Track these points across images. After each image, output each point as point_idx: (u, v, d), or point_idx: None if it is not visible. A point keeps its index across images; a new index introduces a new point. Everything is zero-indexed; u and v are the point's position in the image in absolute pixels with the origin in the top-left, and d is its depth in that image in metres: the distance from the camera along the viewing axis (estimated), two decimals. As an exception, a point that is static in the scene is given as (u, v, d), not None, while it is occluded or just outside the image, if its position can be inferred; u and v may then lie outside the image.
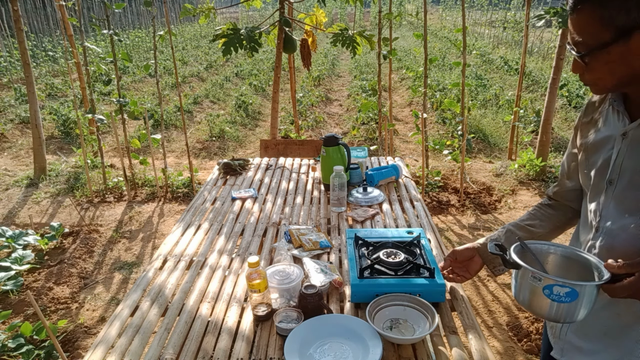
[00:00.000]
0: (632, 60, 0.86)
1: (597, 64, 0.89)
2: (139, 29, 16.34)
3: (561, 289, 0.88)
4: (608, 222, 0.97)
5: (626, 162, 0.94)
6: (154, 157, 4.16)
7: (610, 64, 0.88)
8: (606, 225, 0.97)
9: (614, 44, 0.84)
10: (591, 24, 0.86)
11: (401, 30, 16.40)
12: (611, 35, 0.84)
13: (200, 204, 2.02)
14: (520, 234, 1.19)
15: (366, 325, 1.15)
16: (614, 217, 0.96)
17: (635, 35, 0.82)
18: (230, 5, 4.78)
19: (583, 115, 1.11)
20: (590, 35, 0.87)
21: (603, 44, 0.85)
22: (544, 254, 1.06)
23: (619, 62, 0.87)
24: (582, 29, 0.88)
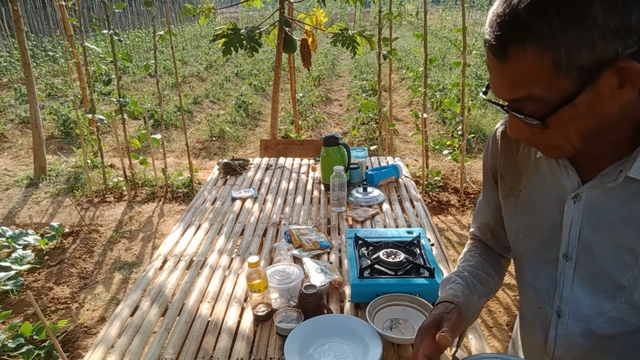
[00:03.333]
0: (602, 106, 0.62)
1: (560, 123, 0.64)
2: (139, 29, 16.34)
3: None
4: (576, 305, 0.78)
5: (587, 233, 0.74)
6: (154, 157, 4.16)
7: (578, 119, 0.63)
8: (572, 310, 0.79)
9: (582, 93, 0.60)
10: (540, 72, 0.60)
11: (401, 30, 16.40)
12: (574, 82, 0.59)
13: (200, 204, 2.02)
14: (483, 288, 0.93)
15: (366, 325, 1.15)
16: (583, 299, 0.77)
17: (605, 74, 0.59)
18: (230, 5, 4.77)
19: (499, 153, 0.87)
20: (542, 88, 0.61)
21: (569, 95, 0.60)
22: None
23: (588, 114, 0.63)
24: (527, 80, 0.61)
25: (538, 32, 0.57)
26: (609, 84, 0.59)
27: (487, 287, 0.94)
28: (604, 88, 0.60)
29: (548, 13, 0.56)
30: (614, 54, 0.57)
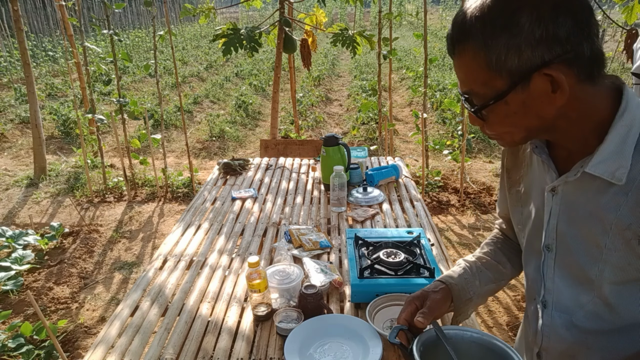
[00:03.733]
0: (538, 107, 0.68)
1: (496, 118, 0.72)
2: (139, 29, 16.33)
3: None
4: (557, 296, 0.82)
5: (562, 226, 0.78)
6: (154, 157, 4.16)
7: (512, 116, 0.70)
8: (555, 302, 0.82)
9: (512, 92, 0.67)
10: (477, 71, 0.68)
11: (401, 30, 16.40)
12: (505, 82, 0.67)
13: (200, 204, 2.02)
14: (490, 275, 0.99)
15: (366, 325, 1.15)
16: (563, 291, 0.81)
17: (536, 77, 0.65)
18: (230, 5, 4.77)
19: (508, 152, 0.94)
20: (479, 85, 0.69)
21: (499, 93, 0.68)
22: (461, 342, 0.86)
23: (523, 112, 0.69)
24: (468, 76, 0.71)
25: (475, 36, 0.66)
26: (540, 87, 0.66)
27: (496, 274, 0.99)
28: (535, 91, 0.66)
29: (484, 20, 0.65)
30: (540, 61, 0.64)
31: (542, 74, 0.65)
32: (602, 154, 0.70)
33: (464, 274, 0.98)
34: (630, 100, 0.69)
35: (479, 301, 0.98)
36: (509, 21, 0.64)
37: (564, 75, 0.65)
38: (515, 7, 0.63)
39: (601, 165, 0.70)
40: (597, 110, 0.70)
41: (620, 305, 0.75)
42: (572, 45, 0.64)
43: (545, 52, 0.64)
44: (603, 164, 0.70)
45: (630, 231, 0.69)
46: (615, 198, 0.70)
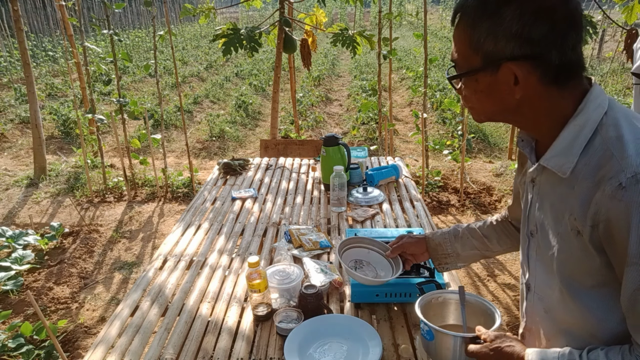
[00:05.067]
0: (500, 93, 0.76)
1: (467, 91, 0.81)
2: (139, 29, 16.33)
3: (424, 327, 1.00)
4: (537, 281, 0.88)
5: (537, 214, 0.85)
6: (154, 157, 4.16)
7: (479, 93, 0.78)
8: (536, 286, 0.88)
9: (482, 72, 0.75)
10: (463, 44, 0.76)
11: (401, 30, 16.40)
12: (479, 62, 0.75)
13: (200, 204, 2.02)
14: (475, 243, 1.14)
15: (366, 325, 1.16)
16: (541, 275, 0.87)
17: (504, 66, 0.72)
18: (230, 5, 4.77)
19: (519, 149, 0.99)
20: (462, 57, 0.78)
21: (472, 69, 0.76)
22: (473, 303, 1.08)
23: (487, 93, 0.77)
24: (457, 46, 0.79)
25: (468, 14, 0.75)
26: (504, 77, 0.73)
27: (481, 244, 1.14)
28: (501, 78, 0.74)
29: (479, 2, 0.73)
30: (510, 54, 0.71)
31: (509, 66, 0.72)
32: (555, 149, 0.77)
33: (446, 235, 1.18)
34: (589, 102, 0.74)
35: (463, 260, 1.18)
36: (496, 10, 0.71)
37: (527, 73, 0.72)
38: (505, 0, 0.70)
39: (553, 159, 0.77)
40: (559, 110, 0.76)
41: (570, 298, 0.79)
42: (541, 49, 0.70)
43: (516, 47, 0.71)
44: (555, 158, 0.77)
45: (571, 222, 0.75)
46: (566, 190, 0.76)
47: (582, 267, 0.76)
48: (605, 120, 0.73)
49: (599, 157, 0.71)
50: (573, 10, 0.71)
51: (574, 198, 0.74)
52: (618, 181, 0.67)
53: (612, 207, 0.68)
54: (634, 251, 0.66)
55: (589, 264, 0.75)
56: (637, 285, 0.68)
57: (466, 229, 1.17)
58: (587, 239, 0.72)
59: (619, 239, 0.68)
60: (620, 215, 0.67)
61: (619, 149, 0.69)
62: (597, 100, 0.74)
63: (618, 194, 0.67)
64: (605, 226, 0.69)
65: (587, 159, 0.73)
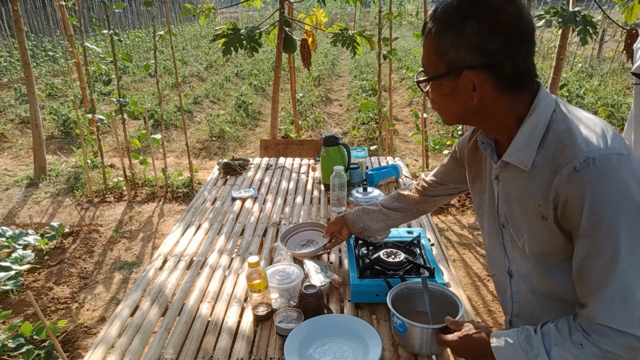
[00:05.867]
0: (461, 98, 0.85)
1: (433, 95, 0.90)
2: (139, 29, 16.33)
3: (397, 320, 1.09)
4: (518, 266, 0.96)
5: (504, 207, 0.94)
6: (154, 157, 4.16)
7: (444, 97, 0.87)
8: (517, 270, 0.97)
9: (445, 78, 0.84)
10: (430, 52, 0.85)
11: (401, 30, 16.39)
12: (443, 69, 0.83)
13: (200, 204, 2.02)
14: (381, 217, 1.36)
15: (366, 325, 1.16)
16: (519, 260, 0.95)
17: (464, 73, 0.81)
18: (230, 5, 4.77)
19: (469, 143, 1.08)
20: (429, 63, 0.87)
21: (437, 75, 0.85)
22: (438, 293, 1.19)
23: (451, 96, 0.86)
24: (425, 55, 0.88)
25: (436, 25, 0.82)
26: (464, 83, 0.82)
27: (386, 218, 1.36)
28: (461, 84, 0.83)
29: (445, 15, 0.81)
30: (469, 63, 0.80)
31: (468, 74, 0.81)
32: (515, 146, 0.86)
33: (358, 212, 1.39)
34: (539, 102, 0.84)
35: (377, 232, 1.38)
36: (459, 24, 0.79)
37: (483, 81, 0.81)
38: (466, 14, 0.79)
39: (514, 155, 0.86)
40: (514, 111, 0.85)
41: (547, 274, 0.89)
42: (496, 60, 0.79)
43: (474, 58, 0.80)
44: (515, 153, 0.86)
45: (536, 208, 0.84)
46: (527, 181, 0.85)
47: (551, 246, 0.86)
48: (554, 117, 0.83)
49: (554, 149, 0.81)
50: (524, 27, 0.79)
51: (536, 187, 0.83)
52: (572, 166, 0.76)
53: (568, 189, 0.77)
54: (585, 224, 0.76)
55: (557, 242, 0.84)
56: (584, 255, 0.79)
57: (372, 204, 1.39)
58: (551, 221, 0.82)
59: (575, 215, 0.78)
60: (575, 195, 0.76)
61: (570, 139, 0.79)
62: (546, 100, 0.84)
63: (573, 176, 0.76)
64: (564, 206, 0.79)
65: (544, 151, 0.82)
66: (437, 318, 1.09)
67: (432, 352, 1.09)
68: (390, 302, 1.12)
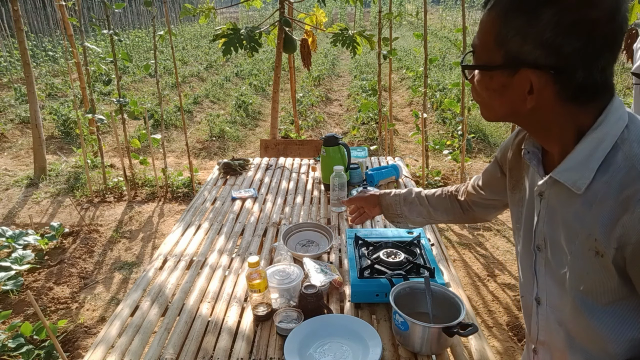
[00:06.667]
0: (512, 98, 0.71)
1: (478, 85, 0.75)
2: (139, 29, 16.33)
3: (399, 318, 1.09)
4: (548, 295, 0.83)
5: (546, 228, 0.80)
6: (154, 157, 4.16)
7: (490, 91, 0.73)
8: (547, 299, 0.84)
9: (498, 70, 0.70)
10: (488, 34, 0.70)
11: (401, 30, 16.39)
12: (499, 59, 0.69)
13: (200, 203, 2.02)
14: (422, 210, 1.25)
15: (366, 325, 1.16)
16: (553, 289, 0.82)
17: (522, 71, 0.67)
18: (230, 5, 4.77)
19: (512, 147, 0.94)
20: (483, 47, 0.72)
21: (489, 65, 0.71)
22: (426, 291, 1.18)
23: (499, 93, 0.72)
24: (480, 35, 0.72)
25: (504, 4, 0.67)
26: (521, 83, 0.68)
27: (426, 214, 1.24)
28: (517, 83, 0.69)
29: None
30: (532, 60, 0.66)
31: (528, 73, 0.67)
32: (569, 162, 0.71)
33: (397, 197, 1.28)
34: (610, 115, 0.68)
35: (411, 222, 1.28)
36: (534, 9, 0.64)
37: (544, 86, 0.67)
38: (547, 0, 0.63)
39: (566, 173, 0.72)
40: (574, 124, 0.71)
41: (585, 314, 0.75)
42: (568, 64, 0.64)
43: (542, 56, 0.65)
44: (568, 171, 0.72)
45: (590, 242, 0.70)
46: (582, 208, 0.71)
47: (598, 286, 0.72)
48: (627, 135, 0.67)
49: (622, 176, 0.66)
50: (616, 30, 0.63)
51: (593, 218, 0.69)
52: None
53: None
54: None
55: (608, 283, 0.70)
56: None
57: (416, 195, 1.26)
58: (609, 260, 0.67)
59: None
60: None
61: None
62: (618, 113, 0.68)
63: None
64: (635, 249, 0.64)
65: (608, 176, 0.67)
66: (437, 318, 1.09)
67: (432, 351, 1.09)
68: (392, 299, 1.12)
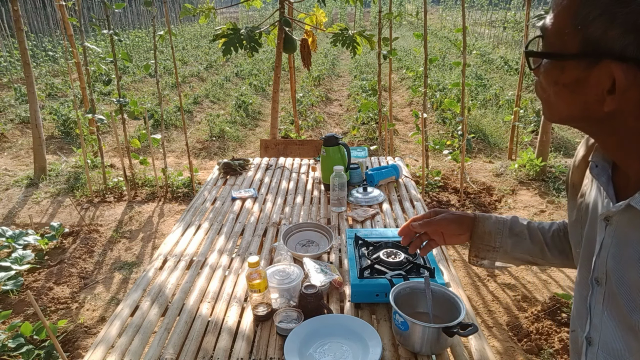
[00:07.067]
0: (587, 97, 0.58)
1: (544, 76, 0.62)
2: (139, 29, 16.33)
3: (399, 318, 1.08)
4: (605, 336, 0.69)
5: (611, 261, 0.65)
6: (154, 157, 4.16)
7: (560, 86, 0.60)
8: (601, 341, 0.70)
9: (573, 61, 0.57)
10: (564, 14, 0.57)
11: (401, 30, 16.39)
12: (576, 46, 0.56)
13: (200, 203, 2.02)
14: (531, 247, 0.95)
15: (366, 325, 1.16)
16: (613, 332, 0.67)
17: (604, 64, 0.54)
18: (230, 5, 4.77)
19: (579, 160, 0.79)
20: (555, 30, 0.58)
21: (562, 53, 0.58)
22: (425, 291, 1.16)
23: (570, 90, 0.59)
24: (554, 16, 0.59)
25: None
26: (600, 78, 0.55)
27: (539, 250, 0.94)
28: (594, 78, 0.56)
29: None
30: (619, 49, 0.52)
31: (611, 66, 0.53)
32: None
33: (501, 225, 0.95)
34: None
35: (506, 259, 0.96)
36: None
37: (631, 84, 0.53)
38: None
39: None
40: None
41: None
42: None
43: (632, 45, 0.51)
44: None
45: None
46: None
47: None
48: None
49: None
50: None
51: None
52: None
53: None
54: None
55: None
56: None
57: (526, 227, 0.95)
58: None
59: None
60: None
61: None
62: None
63: None
64: None
65: None
66: (438, 318, 1.09)
67: (432, 351, 1.09)
68: (392, 299, 1.12)
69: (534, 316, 2.48)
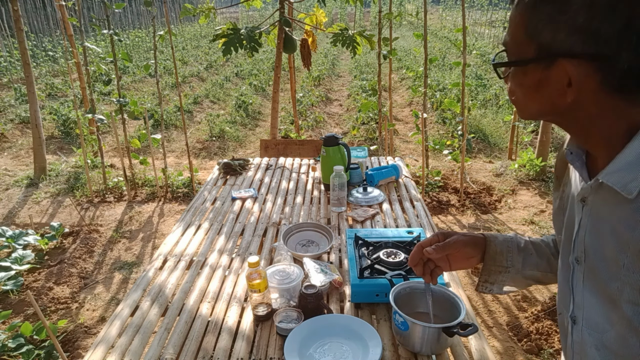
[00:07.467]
0: (550, 93, 0.65)
1: (512, 82, 0.70)
2: (139, 29, 16.34)
3: (399, 318, 1.08)
4: (588, 312, 0.73)
5: (588, 239, 0.71)
6: (154, 157, 4.16)
7: (526, 88, 0.68)
8: (584, 318, 0.74)
9: (532, 65, 0.65)
10: (518, 28, 0.65)
11: (401, 30, 16.39)
12: (532, 52, 0.64)
13: (200, 204, 2.02)
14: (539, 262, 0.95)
15: (366, 325, 1.16)
16: (594, 307, 0.72)
17: (559, 63, 0.61)
18: (230, 5, 4.77)
19: (558, 159, 0.86)
20: (513, 42, 0.67)
21: (521, 60, 0.66)
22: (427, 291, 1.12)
23: (535, 89, 0.66)
24: (510, 31, 0.68)
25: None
26: (558, 75, 0.62)
27: (547, 265, 0.94)
28: (554, 76, 0.63)
29: None
30: (568, 48, 0.60)
31: (564, 64, 0.61)
32: (618, 163, 0.63)
33: (509, 242, 0.95)
34: None
35: (515, 281, 0.95)
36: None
37: (584, 76, 0.60)
38: None
39: (615, 175, 0.63)
40: (623, 119, 0.63)
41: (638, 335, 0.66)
42: (609, 49, 0.57)
43: (578, 43, 0.59)
44: (617, 173, 0.63)
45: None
46: (634, 215, 0.62)
47: None
48: None
49: None
50: None
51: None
52: None
53: None
54: None
55: None
56: None
57: (530, 242, 0.96)
58: None
59: None
60: None
61: None
62: None
63: None
64: None
65: None
66: (438, 318, 1.09)
67: (432, 351, 1.10)
68: (392, 299, 1.13)
69: (534, 316, 2.48)
